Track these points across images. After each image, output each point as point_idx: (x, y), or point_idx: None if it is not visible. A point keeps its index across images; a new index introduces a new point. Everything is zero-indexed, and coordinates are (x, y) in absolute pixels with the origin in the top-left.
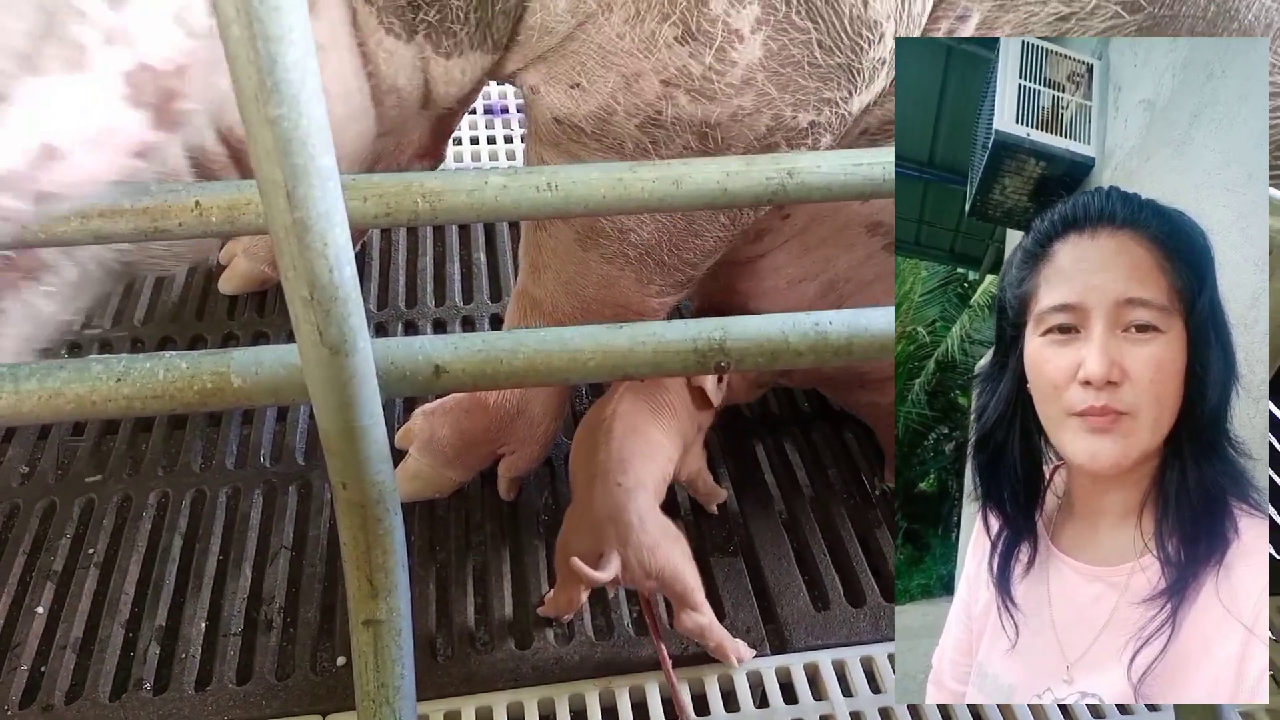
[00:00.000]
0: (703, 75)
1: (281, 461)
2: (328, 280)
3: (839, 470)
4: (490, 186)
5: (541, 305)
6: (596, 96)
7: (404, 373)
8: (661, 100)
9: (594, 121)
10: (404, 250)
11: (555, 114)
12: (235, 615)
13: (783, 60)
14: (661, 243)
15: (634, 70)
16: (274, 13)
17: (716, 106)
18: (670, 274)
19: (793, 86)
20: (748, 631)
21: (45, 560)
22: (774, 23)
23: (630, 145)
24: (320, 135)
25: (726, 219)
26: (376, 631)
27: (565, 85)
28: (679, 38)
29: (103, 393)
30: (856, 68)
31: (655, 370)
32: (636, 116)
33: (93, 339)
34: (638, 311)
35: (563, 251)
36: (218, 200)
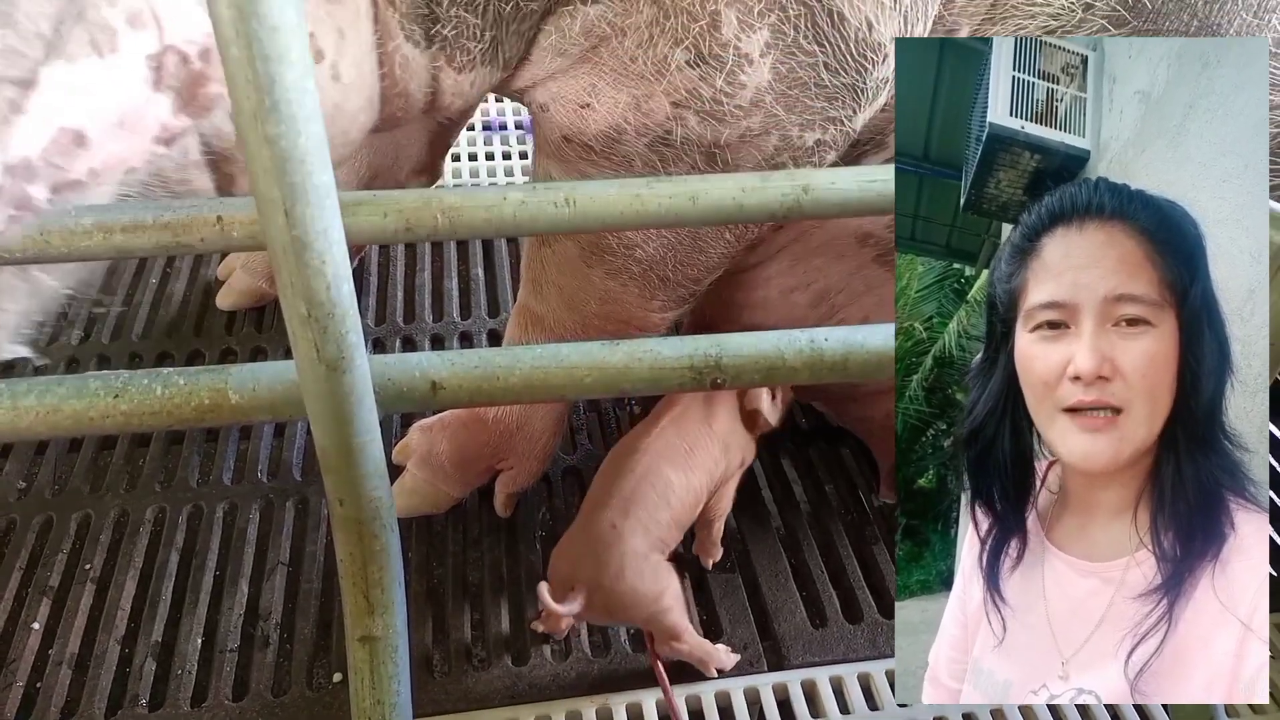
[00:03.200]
0: (713, 98)
1: (279, 477)
2: (325, 297)
3: (836, 486)
4: (509, 202)
5: (543, 321)
6: (607, 117)
7: (401, 389)
8: (671, 121)
9: (603, 141)
10: (402, 265)
11: (564, 132)
12: (232, 631)
13: (790, 82)
14: (666, 259)
15: (645, 92)
16: (272, 33)
17: (725, 128)
18: (674, 289)
19: (799, 107)
20: (745, 648)
21: (42, 575)
22: (783, 46)
23: (639, 164)
24: (318, 153)
25: (732, 235)
26: (373, 648)
27: (575, 105)
28: (690, 61)
29: (100, 409)
30: (861, 87)
31: (652, 387)
32: (646, 136)
33: (90, 354)
34: (639, 327)
35: (566, 268)
36: (240, 216)
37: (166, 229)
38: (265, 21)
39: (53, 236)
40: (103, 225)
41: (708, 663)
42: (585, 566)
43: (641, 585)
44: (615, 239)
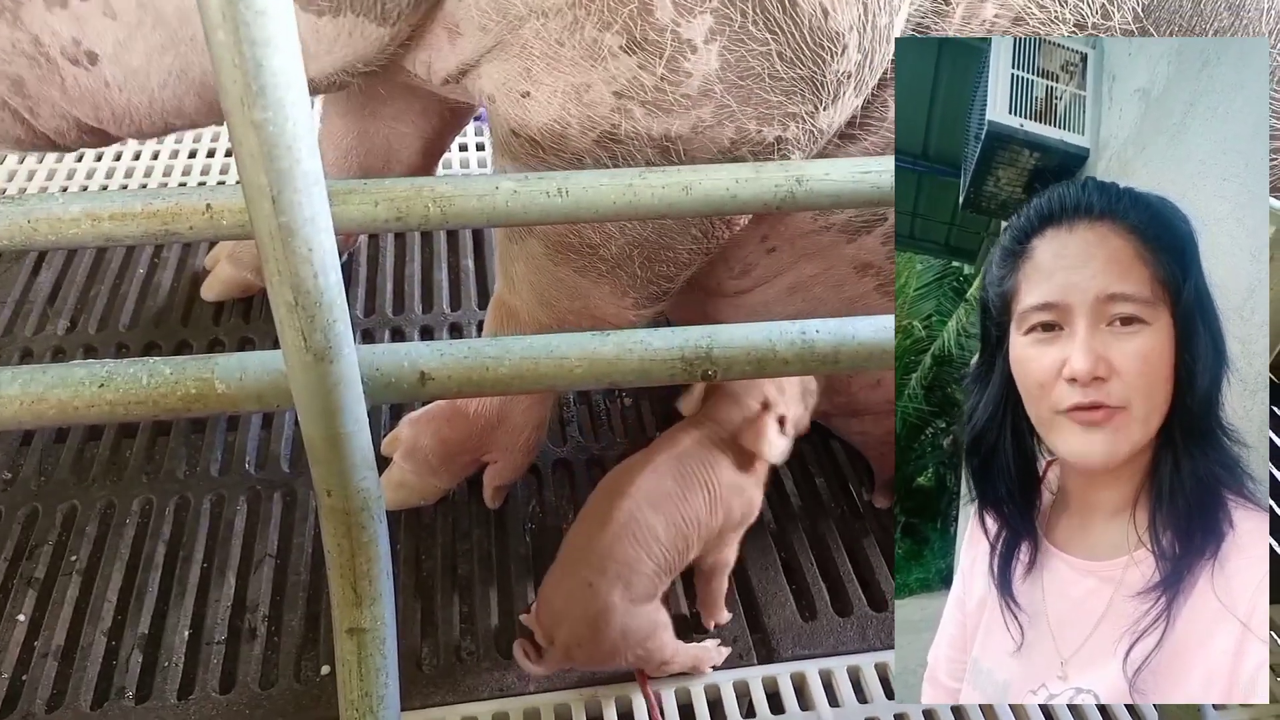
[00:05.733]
0: (656, 86)
1: (266, 468)
2: (312, 285)
3: (826, 481)
4: (501, 192)
5: (518, 315)
6: (547, 108)
7: (389, 379)
8: (616, 113)
9: (548, 135)
10: (391, 256)
11: (511, 125)
12: (219, 623)
13: (742, 72)
14: (632, 255)
15: (583, 80)
16: (259, 17)
17: (674, 119)
18: (645, 286)
19: (755, 100)
20: (734, 641)
21: (27, 567)
22: (730, 33)
23: (589, 162)
24: (306, 139)
25: (698, 231)
26: (360, 640)
27: (517, 94)
28: (624, 47)
29: (86, 398)
30: (820, 80)
31: (642, 378)
32: (592, 131)
33: (77, 344)
34: (615, 323)
35: (535, 264)
36: (229, 204)
37: (155, 217)
38: (252, 6)
39: (40, 224)
40: (91, 213)
41: (700, 668)
42: (564, 625)
43: (624, 641)
44: (578, 239)
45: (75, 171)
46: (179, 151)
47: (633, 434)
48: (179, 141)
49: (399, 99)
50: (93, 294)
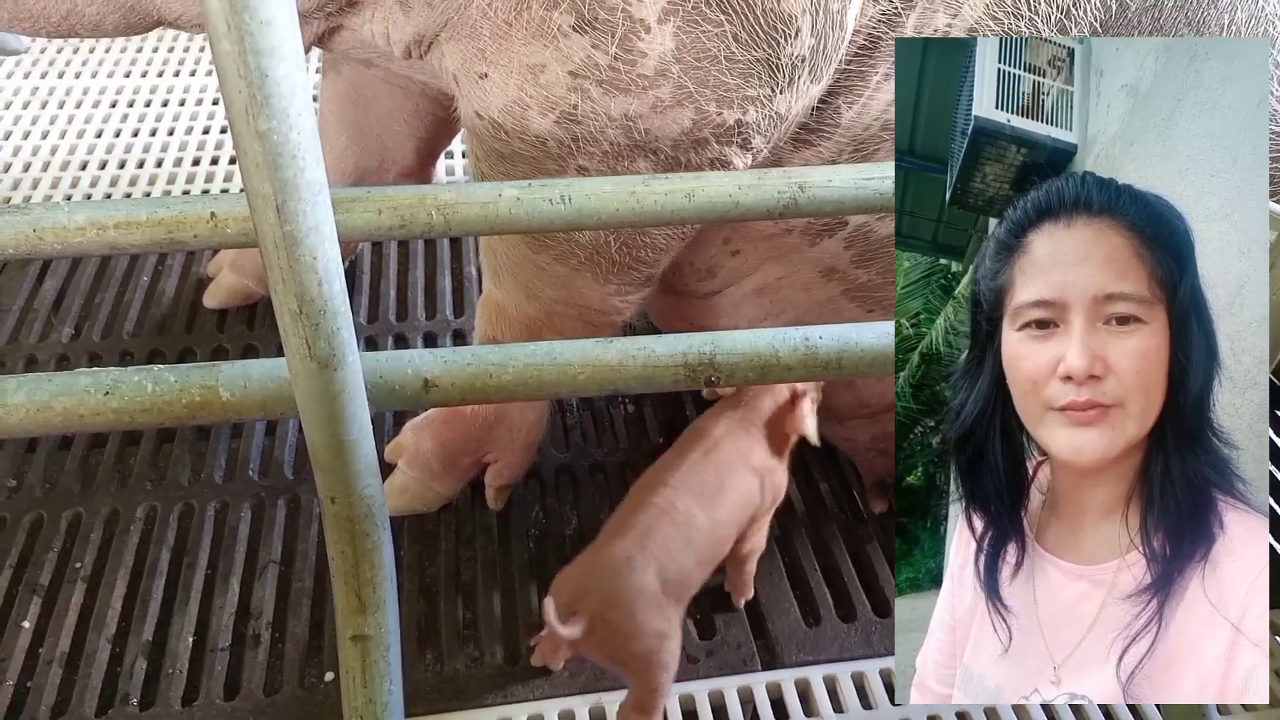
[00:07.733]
0: (610, 66)
1: (270, 476)
2: (317, 294)
3: (830, 486)
4: (504, 199)
5: (505, 309)
6: (505, 89)
7: (393, 386)
8: (574, 93)
9: (509, 117)
10: (395, 263)
11: (475, 107)
12: (223, 630)
13: (698, 53)
14: (610, 241)
15: (537, 60)
16: (264, 27)
17: (632, 99)
18: (626, 272)
19: (712, 82)
20: (739, 647)
21: (32, 574)
22: (684, 13)
23: (553, 145)
24: (310, 148)
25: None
26: (364, 647)
27: (475, 75)
28: (575, 26)
29: (91, 406)
30: (776, 63)
31: (645, 385)
32: (551, 111)
33: (81, 352)
34: (600, 310)
35: (516, 255)
36: (234, 212)
37: (160, 225)
38: (257, 15)
39: (46, 233)
40: (96, 222)
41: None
42: (592, 597)
43: (651, 624)
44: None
45: (80, 180)
46: (183, 160)
47: (635, 440)
48: (183, 150)
49: (389, 97)
50: (97, 301)
